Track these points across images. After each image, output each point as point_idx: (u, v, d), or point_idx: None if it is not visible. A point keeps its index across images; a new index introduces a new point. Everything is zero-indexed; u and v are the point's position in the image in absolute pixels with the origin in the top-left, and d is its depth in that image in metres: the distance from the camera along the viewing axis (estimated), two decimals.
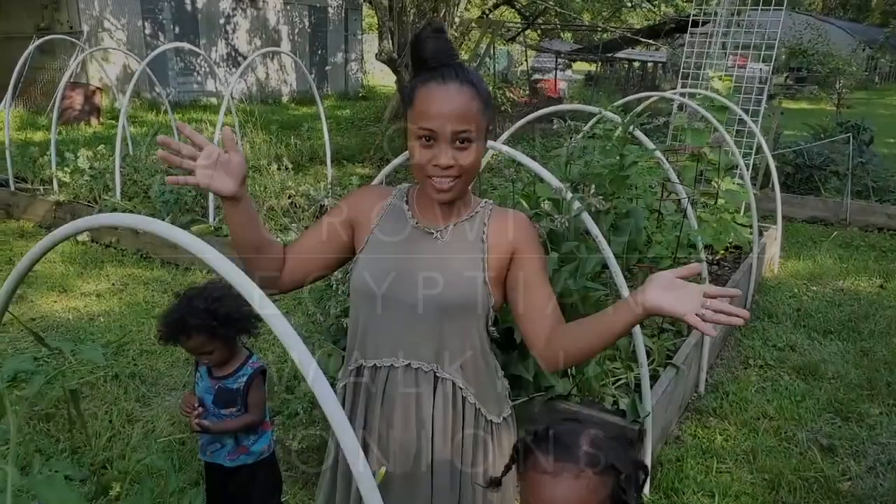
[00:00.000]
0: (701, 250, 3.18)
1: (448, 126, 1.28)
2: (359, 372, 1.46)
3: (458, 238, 1.42)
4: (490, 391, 1.48)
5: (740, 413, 3.15)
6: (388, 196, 1.50)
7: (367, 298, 1.41)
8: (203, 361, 2.09)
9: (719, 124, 4.28)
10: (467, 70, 1.34)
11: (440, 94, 1.29)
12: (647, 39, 11.84)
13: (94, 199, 5.53)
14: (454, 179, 1.33)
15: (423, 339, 1.39)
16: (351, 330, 1.49)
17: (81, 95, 11.36)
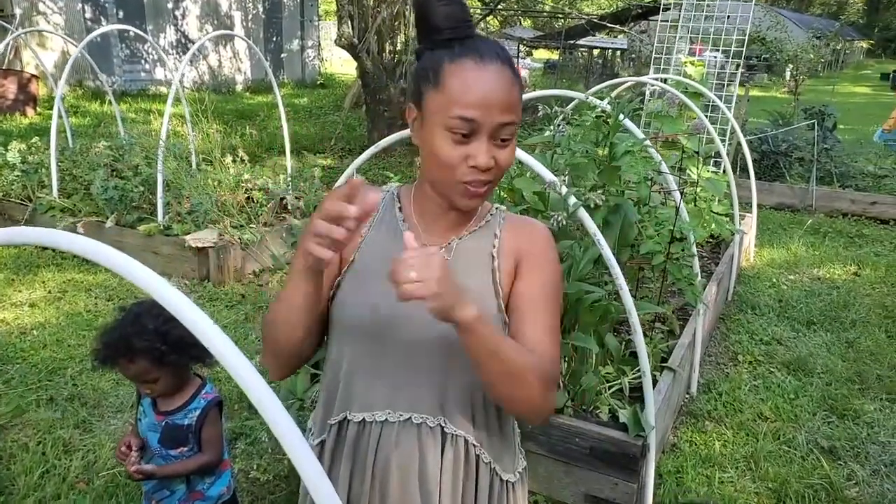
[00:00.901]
0: (693, 244, 2.98)
1: (494, 117, 1.02)
2: (342, 427, 1.16)
3: (466, 255, 1.16)
4: (505, 443, 1.20)
5: (736, 415, 2.98)
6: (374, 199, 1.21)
7: (355, 335, 1.13)
8: (144, 391, 1.78)
9: (699, 111, 4.10)
10: (501, 47, 1.07)
11: (482, 76, 1.02)
12: (613, 25, 11.67)
13: (27, 196, 5.09)
14: (486, 185, 1.07)
15: (425, 385, 1.11)
16: (330, 371, 1.18)
17: (15, 84, 10.66)
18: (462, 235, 1.17)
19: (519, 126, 1.08)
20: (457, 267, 1.14)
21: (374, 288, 1.11)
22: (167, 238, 4.36)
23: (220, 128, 7.67)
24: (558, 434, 2.28)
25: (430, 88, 1.05)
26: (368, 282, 1.13)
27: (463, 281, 1.11)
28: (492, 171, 1.06)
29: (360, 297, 1.12)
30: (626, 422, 2.24)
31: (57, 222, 4.69)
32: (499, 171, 1.07)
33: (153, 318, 1.72)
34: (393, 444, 1.11)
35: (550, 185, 2.07)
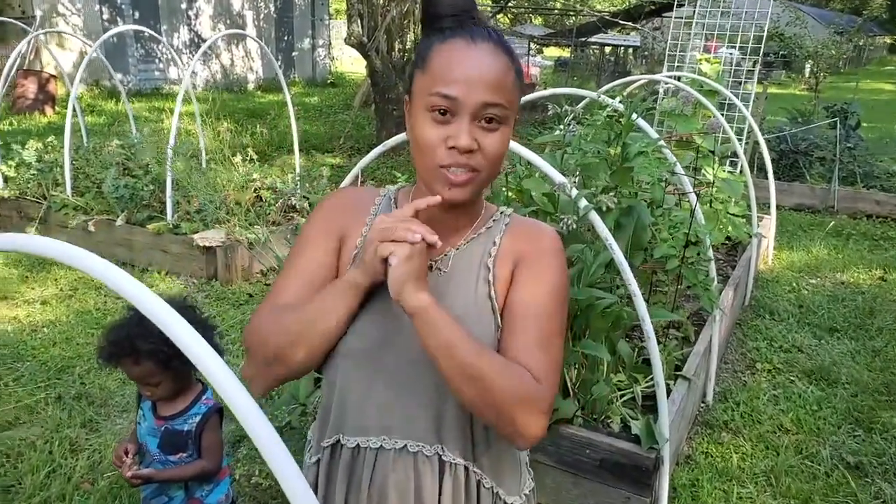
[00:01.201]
0: (709, 248, 2.90)
1: (477, 95, 0.94)
2: (335, 450, 1.10)
3: (464, 266, 1.07)
4: (508, 465, 1.13)
5: (754, 426, 2.88)
6: (371, 204, 1.14)
7: (346, 356, 1.05)
8: (145, 394, 1.74)
9: (715, 110, 4.01)
10: (502, 36, 1.00)
11: (468, 54, 0.95)
12: (625, 22, 11.54)
13: (42, 195, 5.09)
14: (471, 172, 0.98)
15: (419, 409, 1.03)
16: (326, 388, 1.11)
17: (35, 84, 10.74)
18: (459, 245, 1.08)
19: (513, 114, 1.00)
20: (456, 279, 1.06)
21: (368, 306, 1.04)
22: (176, 237, 4.34)
23: (232, 126, 7.65)
24: (567, 445, 2.21)
25: (418, 71, 0.99)
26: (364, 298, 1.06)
27: (462, 294, 1.05)
28: (475, 157, 0.97)
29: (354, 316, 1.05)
30: (639, 433, 2.17)
31: (70, 220, 4.69)
32: (485, 160, 0.98)
33: None
34: (389, 472, 1.04)
35: (560, 187, 2.00)
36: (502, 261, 1.06)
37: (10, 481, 2.48)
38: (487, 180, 1.01)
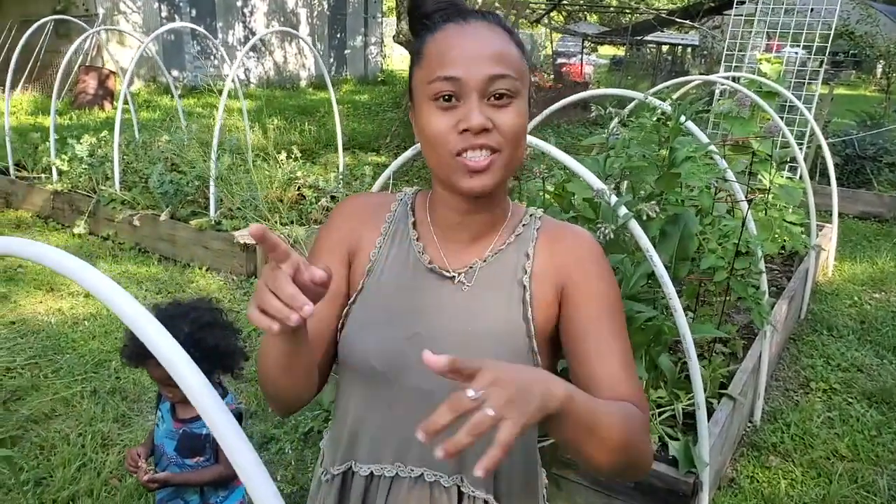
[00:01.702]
0: (760, 259, 2.73)
1: (482, 69, 0.86)
2: (346, 478, 1.01)
3: (493, 282, 0.97)
4: (529, 496, 1.03)
5: (806, 451, 2.70)
6: (386, 211, 1.05)
7: (362, 377, 0.98)
8: (166, 395, 1.71)
9: (772, 111, 3.81)
10: (495, 13, 0.94)
11: (463, 32, 0.89)
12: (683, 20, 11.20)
13: (92, 189, 5.19)
14: (491, 154, 0.88)
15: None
16: (338, 412, 1.04)
17: (95, 79, 11.07)
18: (486, 257, 0.98)
19: (525, 87, 0.91)
20: (483, 296, 0.96)
21: (386, 323, 0.96)
22: (217, 233, 4.36)
23: (281, 124, 7.72)
24: None
25: (416, 68, 0.92)
26: (379, 315, 0.97)
27: (491, 315, 0.94)
28: (491, 136, 0.87)
29: (369, 334, 0.97)
30: (677, 455, 2.04)
31: (117, 214, 4.77)
32: (503, 139, 0.88)
33: (189, 322, 1.66)
34: (402, 501, 0.96)
35: (599, 194, 1.89)
36: (541, 280, 0.96)
37: (42, 473, 2.50)
38: (511, 163, 0.91)
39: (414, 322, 0.95)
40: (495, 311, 0.95)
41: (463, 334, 0.94)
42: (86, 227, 5.03)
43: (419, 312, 0.96)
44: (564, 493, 2.15)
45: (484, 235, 0.99)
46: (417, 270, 0.98)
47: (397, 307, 0.96)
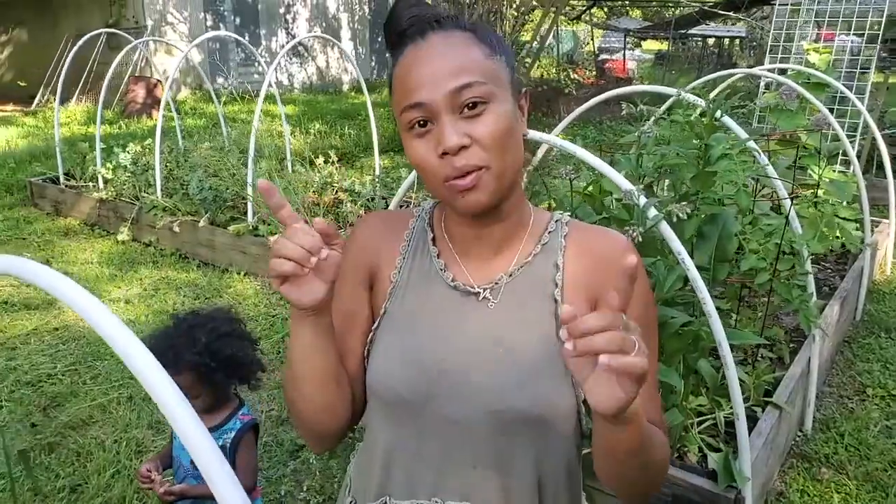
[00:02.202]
0: (806, 259, 2.59)
1: (443, 85, 0.82)
2: None
3: (520, 297, 0.91)
4: None
5: (861, 462, 2.54)
6: (404, 228, 1.00)
7: (391, 406, 0.93)
8: None
9: (819, 103, 3.63)
10: (457, 17, 0.89)
11: (421, 54, 0.85)
12: (726, 12, 10.88)
13: (135, 196, 5.30)
14: (476, 172, 0.83)
15: (480, 471, 0.89)
16: (368, 441, 0.99)
17: (144, 89, 11.37)
18: (512, 271, 0.92)
19: (500, 88, 0.85)
20: (511, 314, 0.90)
21: (411, 348, 0.91)
22: (255, 238, 4.38)
23: (322, 128, 7.76)
24: None
25: (391, 102, 0.89)
26: (404, 340, 0.93)
27: (516, 335, 0.89)
28: (472, 153, 0.82)
29: (395, 361, 0.92)
30: (716, 469, 1.94)
31: (158, 221, 4.84)
32: (486, 151, 0.82)
33: (206, 332, 1.65)
34: None
35: (627, 194, 1.80)
36: (574, 292, 0.90)
37: (78, 480, 2.53)
38: (504, 172, 0.85)
39: (441, 346, 0.91)
40: (526, 330, 0.89)
41: (492, 355, 0.89)
42: (129, 234, 5.13)
43: (446, 335, 0.91)
44: None
45: (507, 247, 0.93)
46: (441, 289, 0.93)
47: (422, 331, 0.92)
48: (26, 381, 3.19)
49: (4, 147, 8.84)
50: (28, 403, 3.02)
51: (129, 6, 13.04)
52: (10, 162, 7.76)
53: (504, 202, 0.88)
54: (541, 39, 9.50)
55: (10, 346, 3.57)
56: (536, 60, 9.63)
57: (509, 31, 8.00)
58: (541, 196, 2.39)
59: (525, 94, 0.93)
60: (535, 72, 9.84)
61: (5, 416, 2.93)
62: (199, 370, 1.61)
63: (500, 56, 0.88)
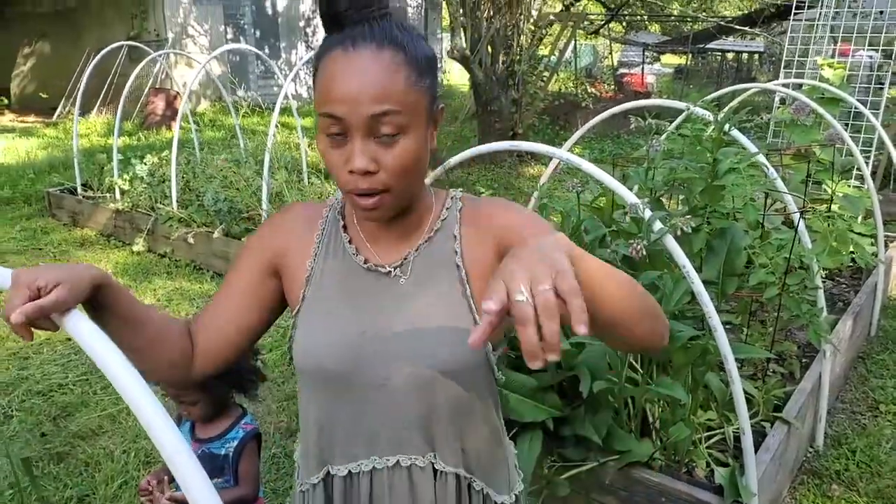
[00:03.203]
0: (816, 274, 2.57)
1: (362, 109, 0.86)
2: (327, 483, 1.05)
3: (427, 270, 1.00)
4: (497, 465, 1.09)
5: (873, 479, 2.51)
6: (318, 218, 1.07)
7: (321, 382, 1.01)
8: (183, 412, 1.71)
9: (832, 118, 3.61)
10: (393, 25, 0.90)
11: (346, 64, 0.86)
12: (743, 27, 10.86)
13: (151, 207, 5.36)
14: (378, 195, 0.90)
15: (408, 425, 0.99)
16: (304, 422, 1.08)
17: (163, 101, 11.53)
18: (418, 246, 1.01)
19: (416, 115, 0.90)
20: (421, 286, 0.99)
21: (333, 326, 0.99)
22: None
23: None
24: (642, 491, 1.99)
25: (314, 86, 0.93)
26: (325, 319, 1.00)
27: (431, 301, 0.98)
28: (377, 177, 0.89)
29: (318, 338, 0.99)
30: (723, 483, 1.92)
31: (173, 232, 4.90)
32: (389, 177, 0.89)
33: None
34: (384, 491, 1.01)
35: (632, 208, 1.81)
36: (472, 258, 1.00)
37: (86, 490, 2.55)
38: (403, 194, 0.93)
39: (360, 321, 0.99)
40: (436, 297, 0.98)
41: (409, 326, 0.97)
42: (144, 245, 5.19)
43: (364, 312, 0.99)
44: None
45: (412, 230, 1.02)
46: (355, 272, 1.02)
47: (342, 310, 1.00)
48: (37, 391, 3.23)
49: (24, 158, 8.99)
50: (38, 413, 3.05)
51: (151, 19, 13.25)
52: (30, 173, 7.88)
53: (397, 208, 0.96)
54: (559, 54, 9.53)
55: (22, 355, 3.61)
56: (554, 74, 9.65)
57: (527, 46, 8.01)
58: (545, 211, 2.40)
59: (441, 109, 0.97)
60: (552, 86, 9.85)
61: (16, 425, 2.96)
62: None
63: (426, 80, 0.91)
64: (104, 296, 0.88)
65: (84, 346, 0.76)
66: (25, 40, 15.98)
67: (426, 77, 0.91)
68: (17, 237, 5.80)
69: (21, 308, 0.76)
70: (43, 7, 15.18)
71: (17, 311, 0.76)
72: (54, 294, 0.78)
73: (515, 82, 8.14)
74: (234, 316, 1.04)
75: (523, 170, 8.00)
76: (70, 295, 0.80)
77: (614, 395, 2.06)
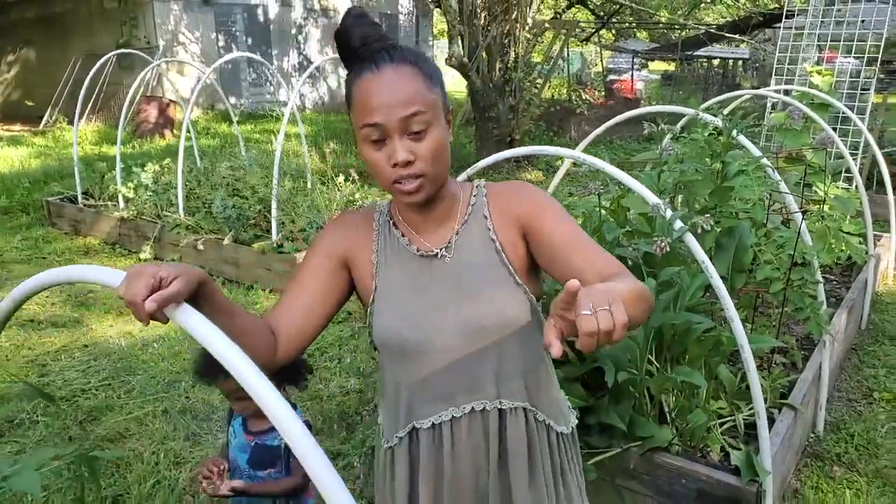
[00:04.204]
0: (817, 270, 2.73)
1: (395, 114, 1.09)
2: (412, 437, 1.25)
3: (469, 247, 1.23)
4: (553, 401, 1.32)
5: (871, 460, 2.67)
6: (371, 221, 1.29)
7: (403, 352, 1.22)
8: (236, 409, 1.81)
9: (824, 123, 3.79)
10: (402, 49, 1.15)
11: (376, 82, 1.10)
12: (732, 35, 11.10)
13: (157, 215, 5.44)
14: (418, 179, 1.13)
15: (480, 375, 1.21)
16: (389, 388, 1.28)
17: (156, 109, 11.55)
18: (457, 230, 1.23)
19: (437, 111, 1.13)
20: (465, 262, 1.21)
21: (403, 306, 1.21)
22: (279, 255, 4.52)
23: (337, 147, 7.90)
24: (663, 474, 2.12)
25: (350, 109, 1.14)
26: (396, 301, 1.21)
27: (476, 272, 1.20)
28: (416, 165, 1.11)
29: (395, 317, 1.20)
30: (739, 464, 2.06)
31: (181, 239, 4.98)
32: (424, 163, 1.12)
33: None
34: (462, 435, 1.21)
35: (655, 208, 1.94)
36: (502, 229, 1.22)
37: (119, 490, 2.60)
38: (438, 176, 1.15)
39: (424, 298, 1.20)
40: (479, 269, 1.20)
41: (461, 295, 1.19)
42: (151, 252, 5.26)
43: (425, 289, 1.21)
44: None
45: (447, 217, 1.24)
46: (410, 259, 1.24)
47: (406, 292, 1.21)
48: (61, 397, 3.28)
49: (18, 167, 8.96)
50: (64, 418, 3.11)
51: (141, 26, 13.26)
52: (25, 182, 7.85)
53: (438, 192, 1.18)
54: (551, 61, 9.70)
55: (40, 363, 3.68)
56: (547, 81, 9.81)
57: (522, 53, 8.16)
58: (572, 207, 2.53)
59: (451, 110, 1.20)
60: (545, 92, 10.01)
61: (42, 430, 3.02)
62: None
63: (437, 86, 1.14)
64: (204, 291, 0.99)
65: (195, 333, 0.84)
66: (10, 47, 15.88)
67: (436, 84, 1.14)
68: (20, 246, 5.83)
69: (153, 296, 0.87)
70: (29, 13, 15.11)
71: (151, 299, 0.86)
72: (175, 286, 0.88)
73: (512, 89, 8.30)
74: (313, 304, 1.21)
75: (521, 175, 8.15)
76: (186, 287, 0.90)
77: (635, 385, 2.19)
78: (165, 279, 0.89)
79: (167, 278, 0.89)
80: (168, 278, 0.89)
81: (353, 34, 1.12)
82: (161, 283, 0.89)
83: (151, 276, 0.88)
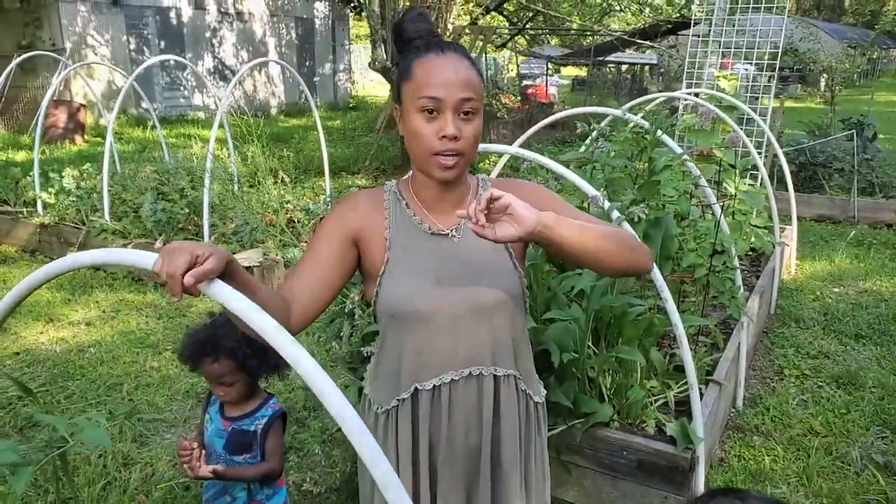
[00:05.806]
0: (734, 257, 2.99)
1: (456, 93, 1.23)
2: (415, 397, 1.36)
3: None
4: (531, 372, 1.47)
5: (785, 430, 2.95)
6: (382, 200, 1.40)
7: (405, 323, 1.33)
8: (219, 394, 1.86)
9: (734, 124, 4.11)
10: (462, 47, 1.31)
11: (442, 63, 1.24)
12: (643, 41, 11.68)
13: (81, 220, 5.28)
14: (457, 157, 1.26)
15: (478, 343, 1.34)
16: (392, 354, 1.38)
17: (65, 113, 11.08)
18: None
19: (482, 105, 1.28)
20: (471, 241, 1.32)
21: (411, 282, 1.31)
22: None
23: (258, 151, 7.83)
24: (605, 447, 2.30)
25: (404, 82, 1.27)
26: (408, 274, 1.32)
27: (481, 250, 1.33)
28: (460, 143, 1.24)
29: (402, 290, 1.31)
30: (674, 434, 2.25)
31: (109, 244, 4.85)
32: (466, 144, 1.25)
33: None
34: (459, 396, 1.34)
35: (593, 200, 2.11)
36: None
37: (68, 493, 2.57)
38: (469, 160, 1.30)
39: (434, 272, 1.32)
40: (484, 249, 1.33)
41: (469, 268, 1.33)
42: None
43: (435, 264, 1.33)
44: (574, 478, 2.35)
45: (458, 202, 1.37)
46: (422, 236, 1.35)
47: (419, 265, 1.32)
48: None
49: None
50: (3, 425, 3.02)
51: (46, 27, 12.67)
52: None
53: (461, 175, 1.32)
54: None
55: None
56: None
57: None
58: None
59: None
60: None
61: None
62: (236, 356, 1.78)
63: (481, 79, 1.30)
64: (230, 268, 1.06)
65: (229, 305, 0.91)
66: None
67: (481, 77, 1.30)
68: None
69: (192, 272, 0.94)
70: None
71: (189, 274, 0.93)
72: (209, 263, 0.95)
73: None
74: (325, 277, 1.31)
75: None
76: (219, 265, 0.98)
77: (577, 366, 2.36)
78: (201, 257, 0.96)
79: (203, 256, 0.96)
80: (204, 256, 0.96)
81: (411, 28, 1.27)
82: (197, 260, 0.95)
83: (189, 252, 0.95)
